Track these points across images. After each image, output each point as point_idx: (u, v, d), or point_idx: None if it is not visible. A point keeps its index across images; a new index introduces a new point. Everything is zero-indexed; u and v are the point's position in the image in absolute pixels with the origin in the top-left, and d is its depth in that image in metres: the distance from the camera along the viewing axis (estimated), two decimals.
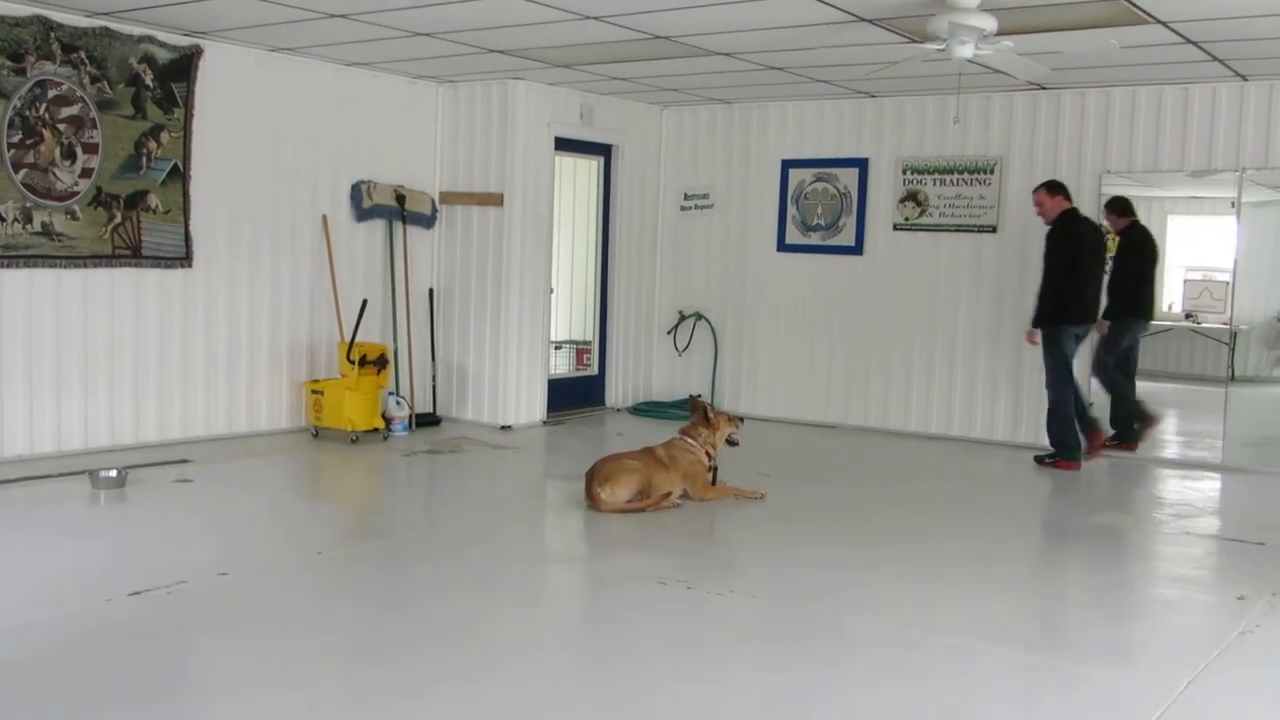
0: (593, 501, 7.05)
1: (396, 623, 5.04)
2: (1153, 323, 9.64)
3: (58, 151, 7.82)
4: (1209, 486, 8.57)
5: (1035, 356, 9.64)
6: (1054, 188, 8.87)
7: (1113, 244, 9.39)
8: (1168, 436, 10.58)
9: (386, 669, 4.47)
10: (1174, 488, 8.47)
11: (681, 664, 4.67)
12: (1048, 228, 8.83)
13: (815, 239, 10.73)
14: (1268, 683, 4.70)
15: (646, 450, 7.35)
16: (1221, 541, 6.98)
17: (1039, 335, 8.86)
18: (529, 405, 10.30)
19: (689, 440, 7.40)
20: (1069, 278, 8.67)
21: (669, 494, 7.14)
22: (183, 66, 8.43)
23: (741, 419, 7.84)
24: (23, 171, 7.65)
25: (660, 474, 7.17)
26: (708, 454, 7.41)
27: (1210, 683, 4.53)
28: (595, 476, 7.09)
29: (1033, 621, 5.31)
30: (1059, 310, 8.72)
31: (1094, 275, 8.94)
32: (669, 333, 11.58)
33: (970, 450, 9.74)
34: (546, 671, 4.61)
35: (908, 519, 7.32)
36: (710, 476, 7.45)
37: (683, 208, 11.50)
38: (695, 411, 7.59)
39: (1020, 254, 9.71)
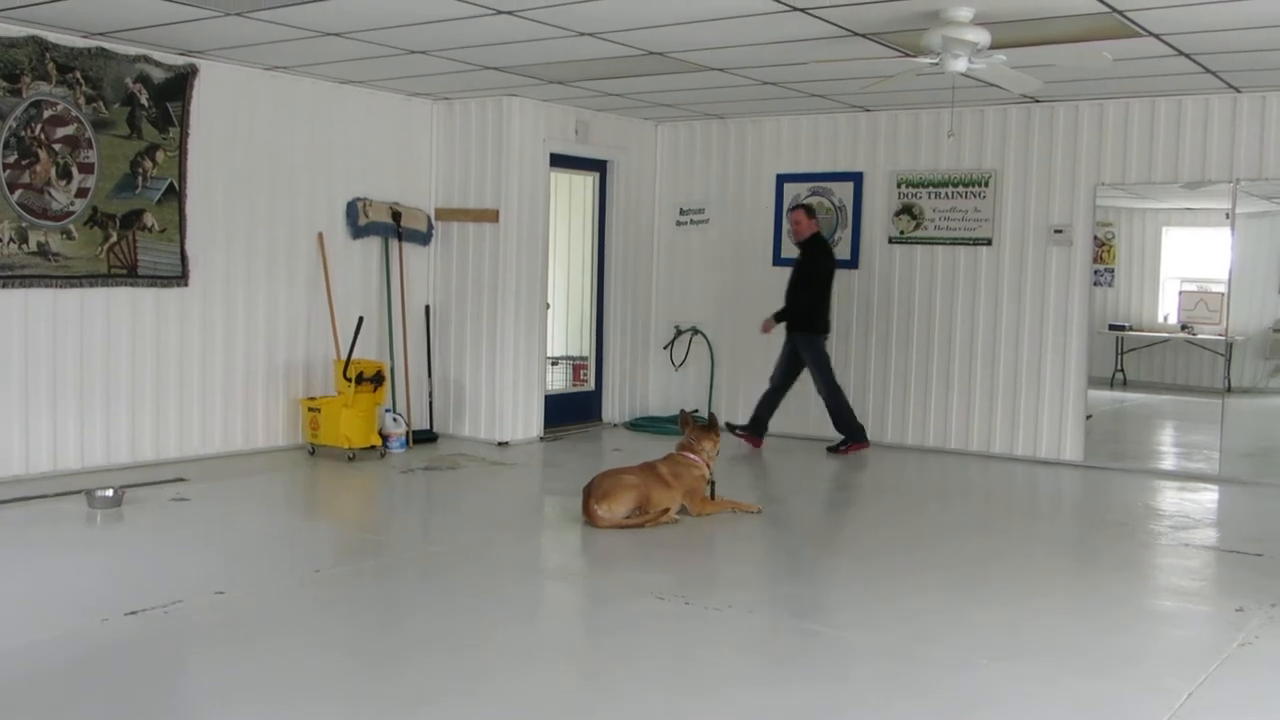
0: (590, 518, 7.04)
1: (394, 640, 5.03)
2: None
3: (53, 171, 7.82)
4: (1206, 498, 8.56)
5: (1034, 369, 9.68)
6: (811, 211, 9.97)
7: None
8: (1165, 448, 10.61)
9: (384, 686, 4.45)
10: (1171, 499, 8.47)
11: (680, 680, 4.66)
12: (802, 244, 9.93)
13: None
14: (1268, 694, 4.69)
15: (647, 465, 7.34)
16: (1220, 553, 6.98)
17: (778, 327, 9.91)
18: (526, 421, 10.29)
19: (690, 455, 7.39)
20: (822, 292, 9.80)
21: (667, 510, 7.13)
22: (178, 86, 8.45)
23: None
24: (18, 192, 7.66)
25: (660, 490, 7.16)
26: (707, 465, 7.41)
27: (1210, 694, 4.53)
28: (593, 493, 7.08)
29: (1032, 634, 5.30)
30: (814, 320, 9.79)
31: (829, 291, 9.97)
32: (665, 348, 11.58)
33: (968, 463, 9.74)
34: (545, 688, 4.59)
35: (905, 532, 7.31)
36: (709, 490, 7.45)
37: (678, 223, 11.51)
38: (686, 425, 7.57)
39: (1017, 266, 9.74)
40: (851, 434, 9.91)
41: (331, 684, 4.53)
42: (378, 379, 9.34)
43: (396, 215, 9.96)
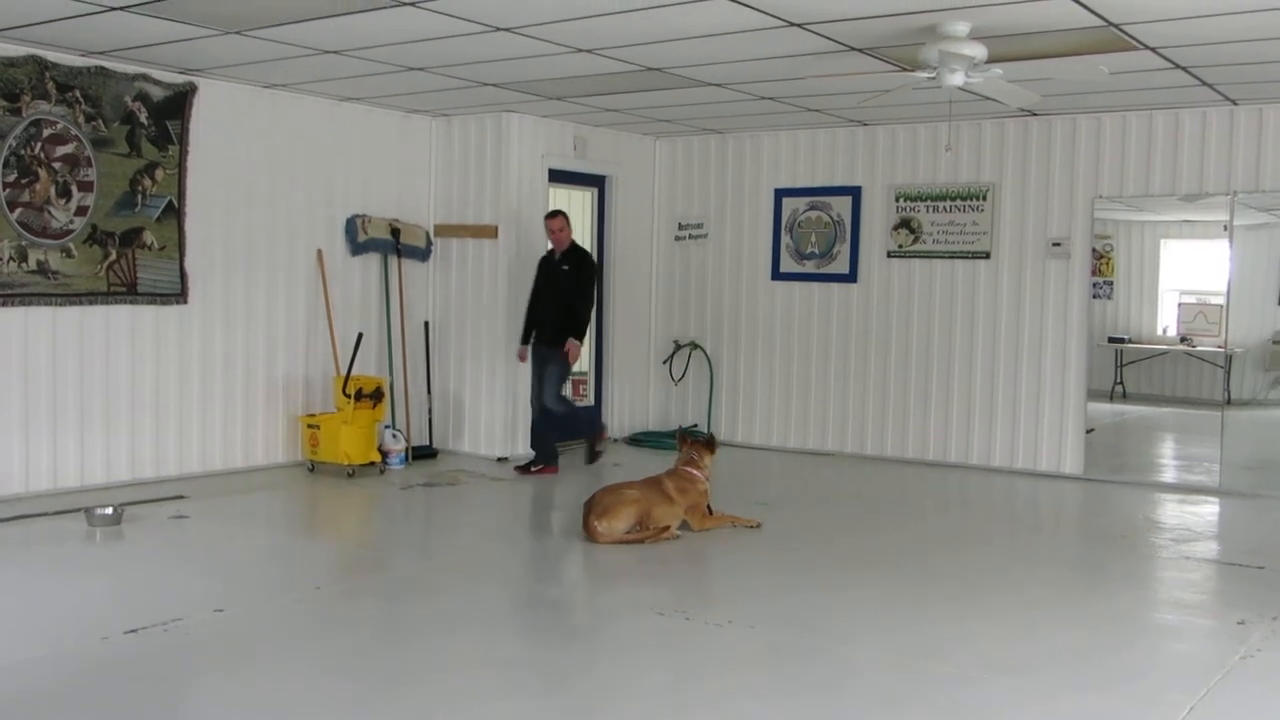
0: (589, 534, 7.03)
1: (395, 658, 5.02)
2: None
3: (53, 190, 7.84)
4: (1207, 511, 8.55)
5: (1033, 382, 9.68)
6: (568, 219, 9.46)
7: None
8: (1166, 461, 10.60)
9: (385, 705, 4.45)
10: (1172, 512, 8.46)
11: (681, 696, 4.66)
12: (568, 253, 9.36)
13: (809, 267, 10.75)
14: (1270, 707, 4.69)
15: (651, 481, 7.34)
16: (1221, 566, 6.97)
17: (578, 348, 9.39)
18: (525, 437, 10.27)
19: (693, 471, 7.38)
20: (588, 304, 9.51)
21: (668, 527, 7.12)
22: (177, 104, 8.47)
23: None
24: (18, 210, 7.67)
25: (663, 507, 7.15)
26: (706, 481, 7.42)
27: (1212, 708, 4.52)
28: (592, 509, 7.07)
29: (1032, 648, 5.29)
30: (583, 332, 9.45)
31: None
32: (665, 362, 11.58)
33: (967, 476, 9.73)
34: (546, 705, 4.58)
35: (905, 547, 7.30)
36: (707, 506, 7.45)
37: (677, 238, 11.53)
38: (685, 442, 7.54)
39: (1015, 280, 9.74)
40: (547, 457, 9.44)
41: (332, 703, 4.52)
42: (377, 395, 9.34)
43: (395, 232, 9.97)
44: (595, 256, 11.25)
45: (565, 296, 9.26)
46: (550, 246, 9.50)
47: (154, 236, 8.41)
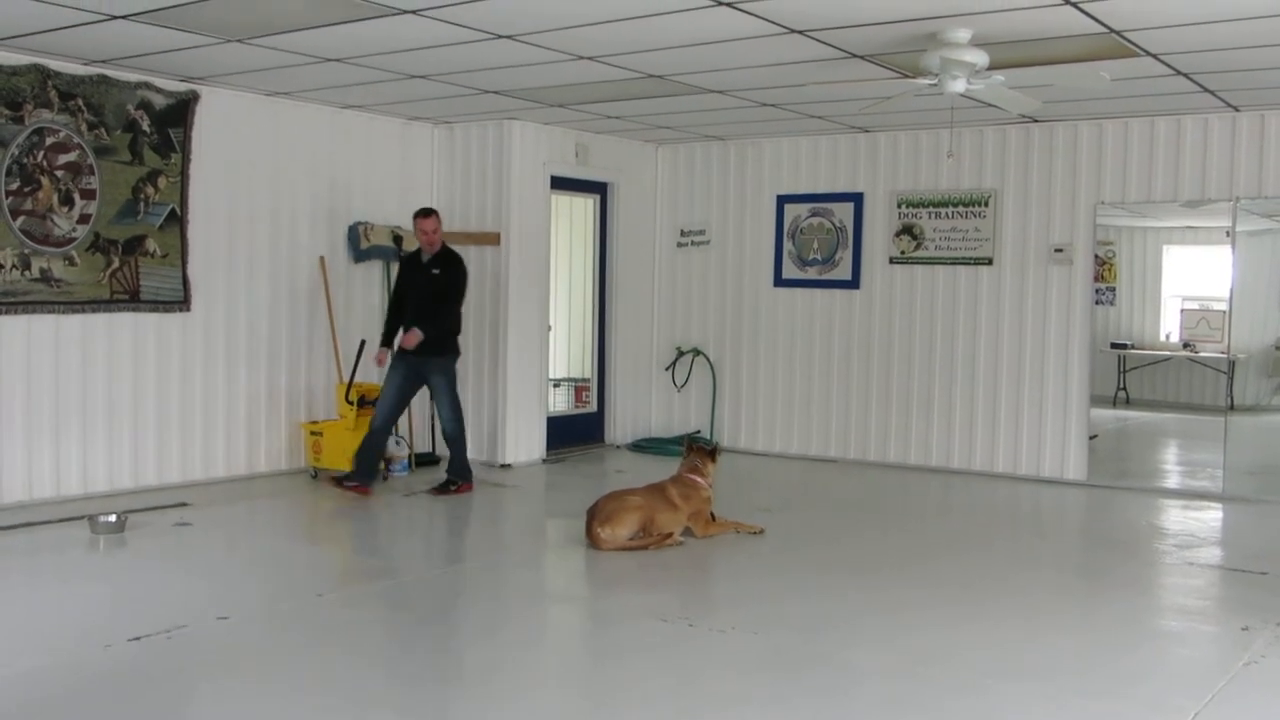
0: (593, 541, 7.03)
1: (398, 665, 5.01)
2: None
3: (55, 198, 7.85)
4: (1211, 516, 8.54)
5: (1036, 388, 9.67)
6: (440, 219, 8.84)
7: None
8: (1169, 467, 10.59)
9: (389, 712, 4.44)
10: (1176, 518, 8.45)
11: (685, 702, 4.65)
12: (438, 255, 8.72)
13: (812, 273, 10.76)
14: (1274, 713, 4.68)
15: (655, 487, 7.34)
16: (1225, 572, 6.96)
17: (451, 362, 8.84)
18: (528, 443, 10.29)
19: (696, 478, 7.38)
20: (459, 310, 8.92)
21: (671, 534, 7.12)
22: (179, 112, 8.48)
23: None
24: (21, 218, 7.68)
25: (667, 514, 7.16)
26: (709, 487, 7.42)
27: (1216, 714, 4.51)
28: (596, 515, 7.08)
29: (1036, 654, 5.28)
30: (454, 341, 8.84)
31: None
32: (667, 369, 11.58)
33: (970, 482, 9.72)
34: (550, 713, 4.58)
35: (909, 552, 7.30)
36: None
37: (679, 244, 11.53)
38: (693, 452, 7.54)
39: (1018, 286, 9.74)
40: (461, 473, 8.81)
41: (335, 711, 4.51)
42: None
43: (398, 239, 9.97)
44: (597, 264, 11.28)
45: (437, 302, 8.69)
46: (417, 247, 8.90)
47: (156, 244, 8.42)
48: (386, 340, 8.91)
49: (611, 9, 6.24)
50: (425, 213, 8.78)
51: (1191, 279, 10.54)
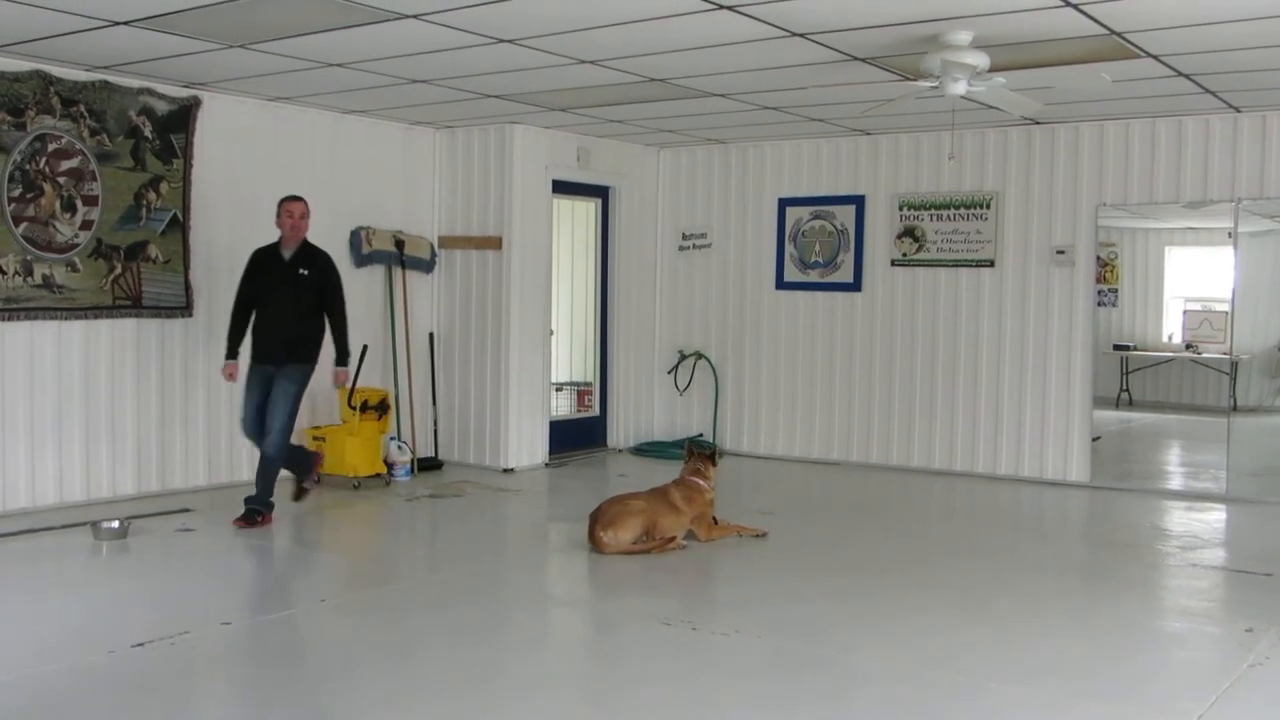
0: (595, 544, 7.03)
1: (402, 670, 5.01)
2: None
3: (58, 204, 7.85)
4: (1214, 518, 8.54)
5: (1038, 390, 9.67)
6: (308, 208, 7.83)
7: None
8: (1172, 468, 10.58)
9: (394, 717, 4.44)
10: (1179, 519, 8.44)
11: (688, 706, 4.65)
12: (301, 254, 7.73)
13: (814, 276, 10.76)
14: (1278, 716, 4.67)
15: (657, 491, 7.35)
16: (1228, 573, 6.95)
17: (346, 375, 8.13)
18: (531, 447, 10.29)
19: (699, 481, 7.38)
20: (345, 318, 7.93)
21: (674, 538, 7.12)
22: (181, 118, 8.49)
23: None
24: (23, 225, 7.69)
25: (670, 517, 7.16)
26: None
27: (1220, 716, 4.51)
28: (598, 519, 7.08)
29: (1041, 656, 5.27)
30: (318, 350, 7.87)
31: None
32: (669, 372, 11.58)
33: (973, 485, 9.71)
34: (553, 716, 4.57)
35: (912, 555, 7.29)
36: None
37: (681, 248, 11.53)
38: (694, 456, 7.53)
39: (1019, 288, 9.74)
40: (268, 502, 7.74)
41: (339, 716, 4.51)
42: (382, 407, 9.35)
43: (400, 244, 9.98)
44: (599, 267, 11.28)
45: (309, 307, 7.72)
46: (273, 243, 7.81)
47: (159, 250, 8.43)
48: (233, 352, 7.78)
49: (613, 13, 6.24)
50: (295, 198, 7.79)
51: (1194, 280, 10.54)
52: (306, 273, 7.75)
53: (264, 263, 7.82)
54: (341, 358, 7.90)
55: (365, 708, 4.56)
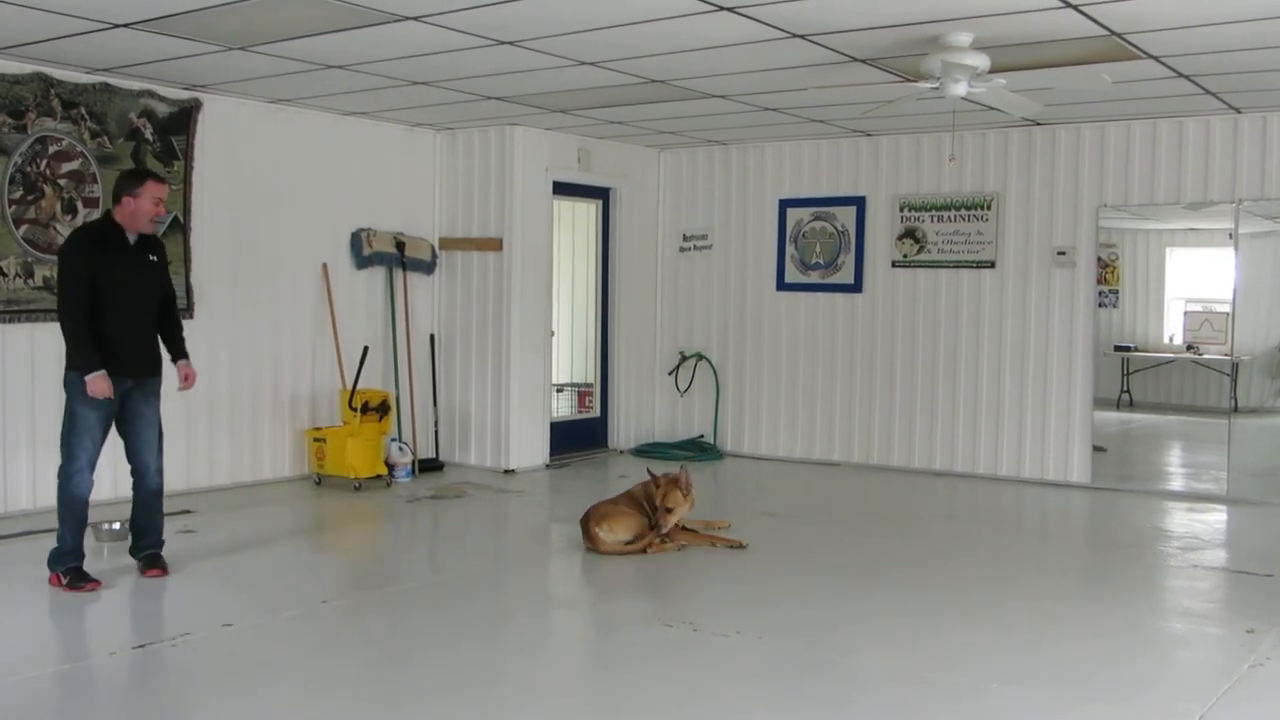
0: (591, 542, 7.05)
1: (403, 672, 5.01)
2: None
3: (59, 206, 7.86)
4: (1215, 519, 8.53)
5: (1039, 391, 9.66)
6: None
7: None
8: (1173, 469, 10.57)
9: (395, 719, 4.44)
10: (1180, 520, 8.44)
11: (690, 707, 4.65)
12: (146, 238, 6.41)
13: (814, 277, 10.76)
14: (1279, 716, 4.67)
15: (625, 494, 7.39)
16: (1229, 574, 6.95)
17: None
18: (532, 449, 10.29)
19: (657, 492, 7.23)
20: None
21: (654, 529, 7.09)
22: (182, 120, 8.49)
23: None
24: (24, 227, 7.69)
25: (640, 513, 7.17)
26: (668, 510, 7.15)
27: (1221, 717, 4.50)
28: (591, 517, 7.12)
29: (1041, 657, 5.27)
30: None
31: None
32: (670, 373, 11.58)
33: (974, 486, 9.71)
34: (554, 718, 4.57)
35: (914, 557, 7.29)
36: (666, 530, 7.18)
37: (681, 249, 11.53)
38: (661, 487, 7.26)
39: (1020, 289, 9.74)
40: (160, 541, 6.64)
41: (341, 717, 4.51)
42: (383, 408, 9.35)
43: (400, 245, 9.99)
44: (600, 269, 11.29)
45: (163, 302, 6.51)
46: (106, 225, 6.33)
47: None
48: (100, 361, 6.05)
49: (613, 14, 6.24)
50: (158, 178, 6.48)
51: (1194, 281, 10.53)
52: (157, 260, 6.49)
53: (104, 249, 6.20)
54: (179, 346, 6.63)
55: (367, 709, 4.56)
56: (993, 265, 9.87)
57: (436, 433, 10.33)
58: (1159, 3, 5.85)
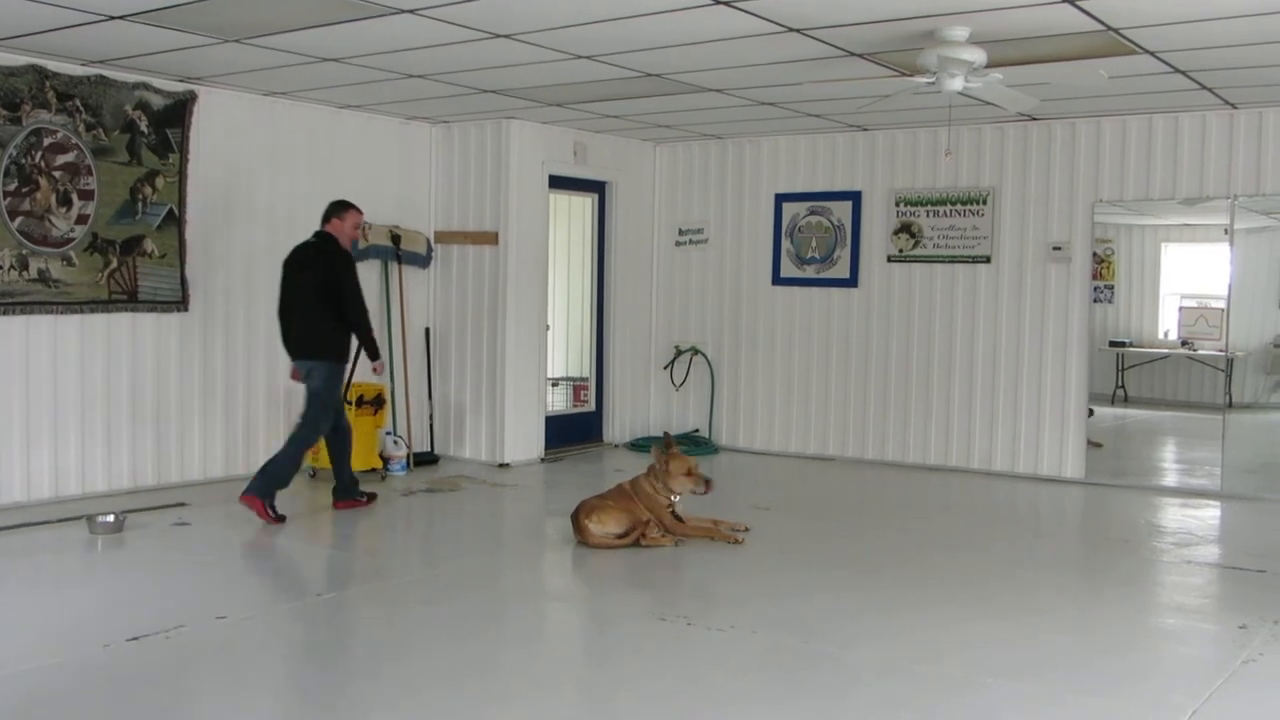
0: (582, 536, 7.05)
1: (397, 665, 5.01)
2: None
3: (54, 199, 7.84)
4: (1209, 514, 8.55)
5: (1034, 386, 9.67)
6: None
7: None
8: (1167, 464, 10.59)
9: (388, 712, 4.44)
10: (1174, 516, 8.45)
11: (683, 701, 4.65)
12: (342, 251, 7.86)
13: (810, 272, 10.76)
14: (1271, 711, 4.69)
15: (615, 488, 7.38)
16: (1222, 569, 6.96)
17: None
18: (527, 442, 10.29)
19: (647, 486, 7.25)
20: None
21: (647, 522, 7.10)
22: (177, 112, 8.48)
23: (708, 480, 7.26)
24: (19, 219, 7.68)
25: (633, 507, 7.16)
26: (673, 493, 7.21)
27: (1214, 712, 4.52)
28: (581, 510, 7.15)
29: (1035, 652, 5.28)
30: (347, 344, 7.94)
31: None
32: (666, 367, 11.58)
33: (968, 481, 9.72)
34: (548, 712, 4.58)
35: (908, 551, 7.30)
36: (672, 514, 7.25)
37: (677, 243, 11.53)
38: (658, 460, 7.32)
39: (1016, 284, 9.74)
40: (272, 485, 7.66)
41: (334, 711, 4.52)
42: (378, 402, 9.35)
43: (396, 238, 9.98)
44: (595, 262, 11.29)
45: (345, 300, 7.87)
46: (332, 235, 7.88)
47: (154, 244, 8.42)
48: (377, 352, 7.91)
49: (609, 8, 6.24)
50: (349, 206, 7.97)
51: (1190, 276, 10.56)
52: (339, 264, 7.80)
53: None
54: (373, 350, 8.06)
55: (362, 702, 4.56)
56: (988, 260, 9.88)
57: (431, 426, 10.33)
58: None
